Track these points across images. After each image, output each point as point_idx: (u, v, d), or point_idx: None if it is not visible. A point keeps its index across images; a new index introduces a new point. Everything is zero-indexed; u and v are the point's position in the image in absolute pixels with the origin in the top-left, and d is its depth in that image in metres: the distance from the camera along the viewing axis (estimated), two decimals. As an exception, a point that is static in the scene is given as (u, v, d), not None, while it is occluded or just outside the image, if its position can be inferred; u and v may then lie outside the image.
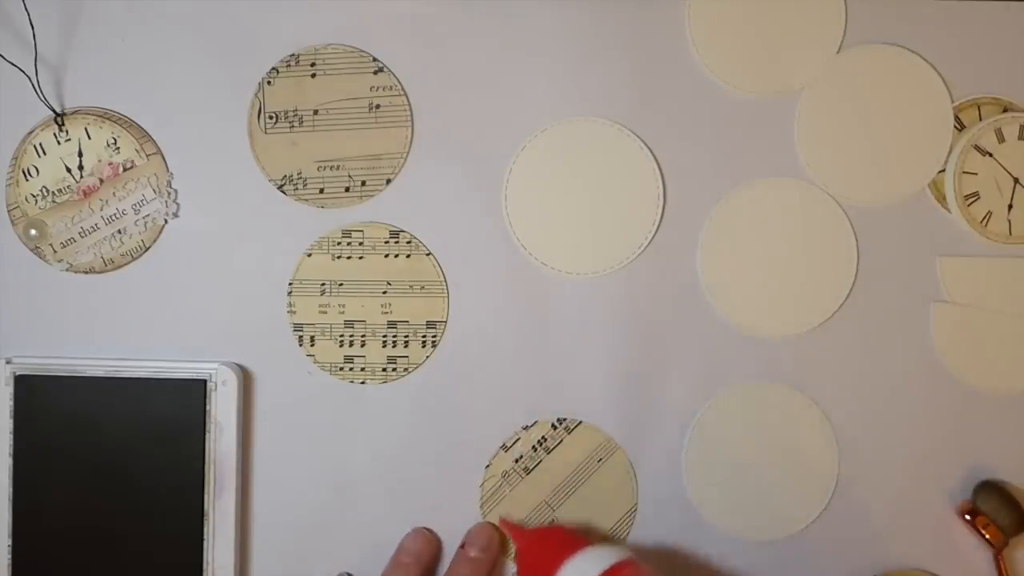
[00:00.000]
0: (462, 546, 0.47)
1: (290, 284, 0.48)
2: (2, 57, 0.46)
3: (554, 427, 0.48)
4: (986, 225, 0.48)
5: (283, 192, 0.48)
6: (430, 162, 0.48)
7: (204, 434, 0.46)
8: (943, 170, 0.48)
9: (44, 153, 0.47)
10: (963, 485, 0.48)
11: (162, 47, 0.47)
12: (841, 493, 0.48)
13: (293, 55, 0.47)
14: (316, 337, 0.48)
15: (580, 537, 0.44)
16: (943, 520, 0.48)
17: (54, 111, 0.47)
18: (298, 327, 0.48)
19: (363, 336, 0.48)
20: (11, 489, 0.45)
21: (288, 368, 0.48)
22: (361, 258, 0.48)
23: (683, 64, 0.48)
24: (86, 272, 0.47)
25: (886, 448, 0.48)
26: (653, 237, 0.48)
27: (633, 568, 0.41)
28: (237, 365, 0.47)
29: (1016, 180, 0.48)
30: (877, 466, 0.48)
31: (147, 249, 0.47)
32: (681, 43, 0.48)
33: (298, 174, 0.48)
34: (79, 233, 0.47)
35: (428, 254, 0.48)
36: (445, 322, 0.48)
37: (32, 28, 0.46)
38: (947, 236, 0.48)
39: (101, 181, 0.47)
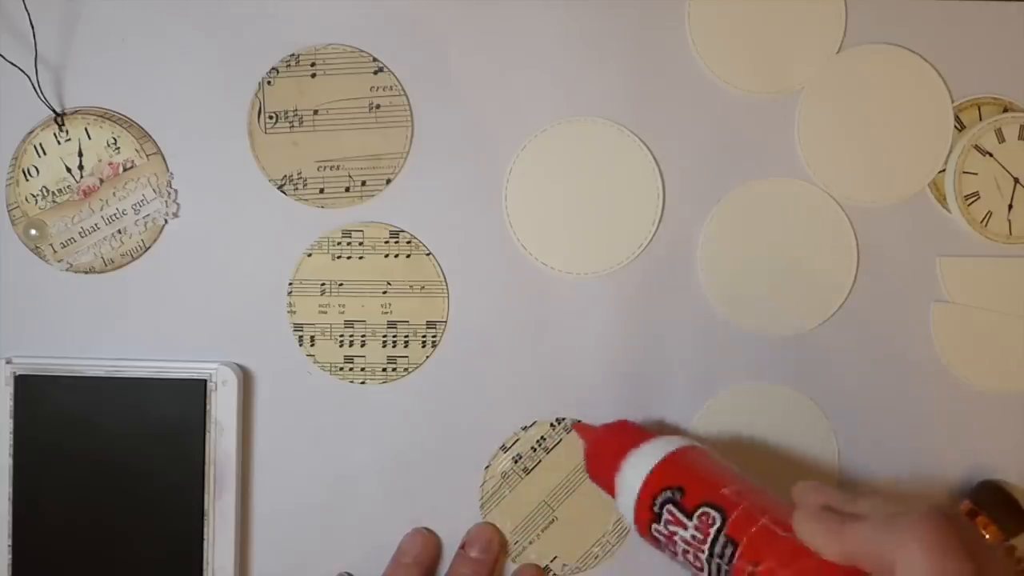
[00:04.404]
0: (462, 546, 0.47)
1: (290, 284, 0.48)
2: (2, 57, 0.46)
3: (553, 427, 0.48)
4: (986, 225, 0.48)
5: (283, 192, 0.48)
6: (430, 162, 0.48)
7: (204, 434, 0.46)
8: (943, 170, 0.48)
9: (44, 153, 0.47)
10: (963, 485, 0.48)
11: (162, 47, 0.47)
12: (841, 493, 0.48)
13: (293, 55, 0.47)
14: (316, 337, 0.48)
15: (644, 430, 0.44)
16: (943, 520, 0.48)
17: (54, 111, 0.47)
18: (298, 327, 0.48)
19: (363, 336, 0.48)
20: (11, 489, 0.45)
21: (288, 368, 0.48)
22: (361, 258, 0.48)
23: (683, 64, 0.48)
24: (86, 272, 0.47)
25: (886, 448, 0.48)
26: (653, 237, 0.48)
27: (695, 452, 0.41)
28: (237, 365, 0.47)
29: (1016, 180, 0.48)
30: (877, 466, 0.48)
31: (147, 249, 0.47)
32: (681, 43, 0.48)
33: (298, 174, 0.48)
34: (79, 233, 0.47)
35: (428, 254, 0.48)
36: (445, 322, 0.48)
37: (32, 28, 0.46)
38: (947, 236, 0.48)
39: (101, 181, 0.47)
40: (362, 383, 0.48)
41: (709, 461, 0.41)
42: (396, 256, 0.48)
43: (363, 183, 0.48)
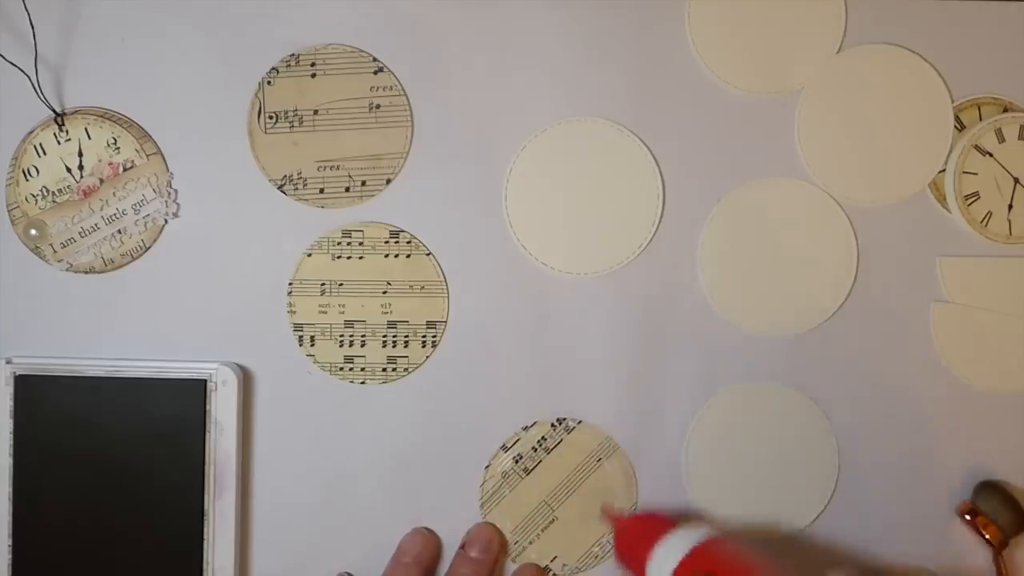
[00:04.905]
0: (462, 546, 0.47)
1: (290, 284, 0.48)
2: (2, 57, 0.46)
3: (554, 427, 0.48)
4: (986, 225, 0.48)
5: (283, 192, 0.48)
6: (430, 162, 0.48)
7: (204, 434, 0.46)
8: (943, 170, 0.48)
9: (44, 153, 0.47)
10: (963, 485, 0.48)
11: (162, 47, 0.47)
12: (841, 493, 0.48)
13: (293, 55, 0.47)
14: (316, 337, 0.48)
15: (668, 519, 0.44)
16: (943, 520, 0.48)
17: (54, 111, 0.47)
18: (298, 327, 0.48)
19: (363, 336, 0.48)
20: (11, 489, 0.45)
21: (288, 368, 0.48)
22: (361, 258, 0.48)
23: (683, 64, 0.48)
24: (86, 272, 0.47)
25: (886, 448, 0.48)
26: (653, 237, 0.48)
27: (720, 543, 0.41)
28: (237, 365, 0.47)
29: (1016, 180, 0.48)
30: (877, 466, 0.48)
31: (147, 249, 0.47)
32: (681, 43, 0.48)
33: (298, 174, 0.48)
34: (79, 233, 0.47)
35: (428, 254, 0.48)
36: (445, 322, 0.48)
37: (32, 28, 0.46)
38: (947, 236, 0.48)
39: (101, 181, 0.47)
40: (362, 383, 0.48)
41: (736, 548, 0.41)
42: (396, 256, 0.48)
43: (363, 183, 0.48)
